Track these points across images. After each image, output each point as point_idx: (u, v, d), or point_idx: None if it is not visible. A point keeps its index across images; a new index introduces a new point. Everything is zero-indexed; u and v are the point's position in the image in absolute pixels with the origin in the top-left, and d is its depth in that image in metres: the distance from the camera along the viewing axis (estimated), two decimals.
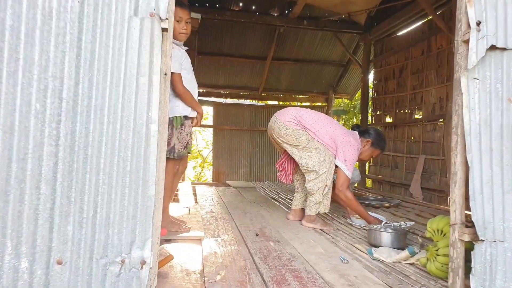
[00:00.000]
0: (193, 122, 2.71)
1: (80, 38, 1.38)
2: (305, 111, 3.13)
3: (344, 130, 3.13)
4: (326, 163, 3.01)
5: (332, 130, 3.06)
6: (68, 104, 1.38)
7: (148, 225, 1.46)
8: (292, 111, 3.09)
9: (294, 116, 3.05)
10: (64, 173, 1.38)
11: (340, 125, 3.19)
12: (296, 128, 3.00)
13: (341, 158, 3.00)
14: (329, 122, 3.11)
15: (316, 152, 3.00)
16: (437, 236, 2.01)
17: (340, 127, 3.14)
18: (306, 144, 3.00)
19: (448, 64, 4.83)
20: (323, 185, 3.00)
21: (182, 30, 2.63)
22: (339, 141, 3.03)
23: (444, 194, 4.70)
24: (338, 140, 3.04)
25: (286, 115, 3.07)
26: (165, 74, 1.55)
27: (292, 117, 3.04)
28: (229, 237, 2.68)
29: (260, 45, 7.50)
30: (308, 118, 3.06)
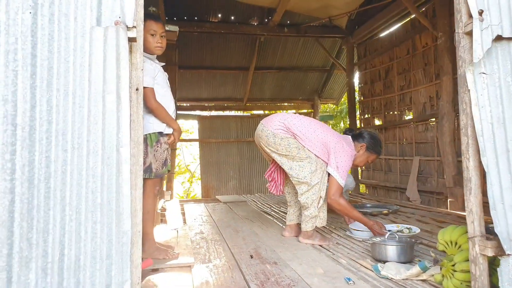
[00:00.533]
0: (169, 139, 2.51)
1: (34, 55, 1.19)
2: (293, 116, 2.94)
3: (336, 135, 2.94)
4: (318, 173, 2.82)
5: (323, 135, 2.87)
6: (24, 130, 1.18)
7: (126, 264, 1.26)
8: (279, 118, 2.89)
9: (283, 122, 2.85)
10: (23, 212, 1.17)
11: (331, 130, 3.01)
12: (285, 136, 2.81)
13: (333, 165, 2.81)
14: (319, 127, 2.92)
15: (307, 162, 2.82)
16: (451, 248, 1.84)
17: (331, 132, 2.95)
18: (296, 153, 2.81)
19: (435, 62, 4.73)
20: (317, 197, 2.82)
21: (157, 44, 2.49)
22: (331, 147, 2.84)
23: (443, 196, 4.57)
24: (330, 146, 2.84)
25: (274, 122, 2.87)
26: (136, 89, 1.36)
27: (280, 124, 2.84)
28: (222, 262, 2.47)
29: (242, 56, 7.37)
30: (297, 123, 2.86)
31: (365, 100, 6.64)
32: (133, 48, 1.36)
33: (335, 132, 2.99)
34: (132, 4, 1.28)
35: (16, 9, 1.15)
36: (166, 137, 2.51)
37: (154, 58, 2.52)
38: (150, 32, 2.45)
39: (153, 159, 2.45)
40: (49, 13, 1.19)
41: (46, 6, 1.19)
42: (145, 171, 2.42)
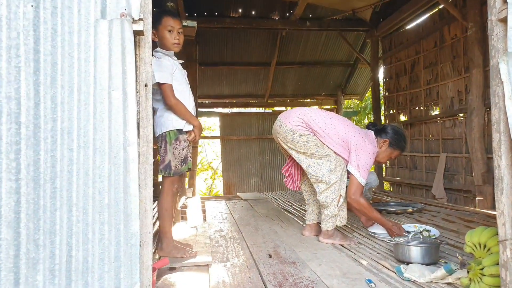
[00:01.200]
0: (190, 136, 2.47)
1: (37, 50, 1.15)
2: (313, 111, 2.83)
3: (357, 131, 2.81)
4: (337, 172, 2.73)
5: (344, 131, 2.75)
6: (28, 129, 1.15)
7: (135, 266, 1.22)
8: (298, 113, 2.79)
9: (302, 118, 2.75)
10: (29, 213, 1.14)
11: (353, 125, 2.88)
12: (304, 133, 2.72)
13: (354, 163, 2.70)
14: (340, 122, 2.81)
15: (326, 160, 2.72)
16: (479, 251, 1.72)
17: (353, 127, 2.83)
18: (315, 151, 2.72)
19: (464, 54, 4.52)
20: (337, 196, 2.73)
21: (175, 40, 2.45)
22: (352, 144, 2.73)
23: (471, 194, 4.37)
24: (351, 142, 2.74)
25: (293, 117, 2.77)
26: (145, 85, 1.31)
27: (299, 120, 2.75)
28: (240, 261, 2.42)
29: (263, 51, 7.29)
30: (317, 119, 2.75)
31: (390, 95, 6.45)
32: (140, 42, 1.31)
33: (357, 128, 2.87)
34: None
35: (18, 2, 1.12)
36: (186, 134, 2.47)
37: (172, 55, 2.48)
38: (167, 29, 2.42)
39: (172, 157, 2.41)
40: (52, 6, 1.16)
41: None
42: (164, 169, 2.41)
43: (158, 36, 2.44)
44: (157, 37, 2.44)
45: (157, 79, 2.32)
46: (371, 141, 2.82)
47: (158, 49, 2.46)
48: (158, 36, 2.44)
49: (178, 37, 2.46)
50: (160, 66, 2.37)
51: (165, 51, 2.45)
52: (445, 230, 3.07)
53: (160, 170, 2.43)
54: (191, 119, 2.45)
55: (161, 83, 2.34)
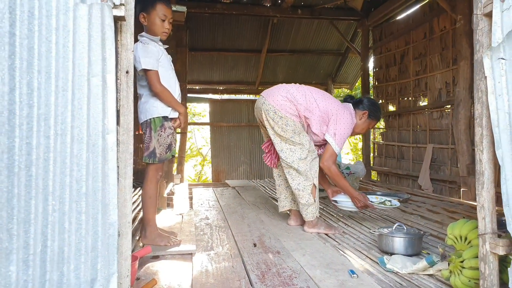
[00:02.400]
0: (175, 123, 2.44)
1: (13, 33, 1.11)
2: (295, 88, 2.85)
3: (337, 104, 2.90)
4: (307, 161, 2.78)
5: (324, 104, 2.83)
6: (2, 115, 1.11)
7: (112, 257, 1.20)
8: (282, 91, 2.80)
9: (285, 96, 2.77)
10: (2, 201, 1.12)
11: (333, 99, 2.94)
12: (285, 115, 2.74)
13: (331, 132, 2.82)
14: (320, 95, 2.87)
15: (298, 148, 2.78)
16: (460, 244, 1.74)
17: (332, 100, 2.90)
18: (290, 136, 2.77)
19: (453, 46, 4.52)
20: (310, 184, 2.78)
21: (165, 29, 2.42)
22: (332, 115, 2.84)
23: (456, 185, 4.43)
24: (331, 113, 2.84)
25: (276, 96, 2.78)
26: (126, 72, 1.28)
27: (283, 98, 2.77)
28: (224, 250, 2.42)
29: (254, 38, 7.22)
30: (299, 96, 2.80)
31: (380, 85, 6.45)
32: (122, 27, 1.27)
33: (336, 100, 2.95)
34: None
35: None
36: (171, 121, 2.44)
37: (157, 40, 2.43)
38: (160, 17, 2.37)
39: (156, 144, 2.39)
40: None
41: None
42: (149, 156, 2.39)
43: (148, 20, 2.38)
44: (147, 21, 2.39)
45: (143, 65, 2.28)
46: (351, 114, 2.93)
47: (143, 33, 2.40)
48: (148, 21, 2.38)
49: (168, 27, 2.43)
50: (146, 51, 2.32)
51: (151, 36, 2.39)
52: (429, 221, 3.11)
53: (145, 157, 2.41)
54: (177, 106, 2.42)
55: (147, 70, 2.30)
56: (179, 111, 2.44)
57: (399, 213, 3.43)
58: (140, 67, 2.28)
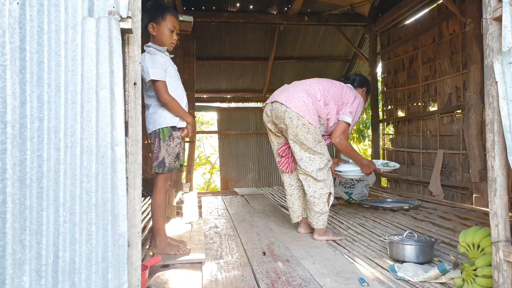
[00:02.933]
0: (183, 133, 2.46)
1: (23, 48, 1.13)
2: (309, 86, 2.84)
3: (344, 85, 2.98)
4: (325, 171, 2.79)
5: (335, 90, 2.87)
6: (14, 128, 1.13)
7: (123, 267, 1.21)
8: (300, 94, 2.75)
9: (305, 101, 2.71)
10: (15, 213, 1.13)
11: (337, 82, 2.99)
12: (307, 123, 2.68)
13: (346, 112, 2.87)
14: (328, 83, 2.92)
15: (318, 157, 2.77)
16: (473, 251, 1.72)
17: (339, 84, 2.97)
18: (312, 146, 2.74)
19: (463, 51, 4.49)
20: (326, 193, 2.77)
21: (173, 41, 2.47)
22: (345, 99, 2.89)
23: (468, 191, 4.37)
24: (344, 96, 2.89)
25: (297, 101, 2.72)
26: (134, 84, 1.29)
27: (304, 104, 2.71)
28: (233, 258, 2.42)
29: (261, 46, 7.24)
30: (316, 92, 2.80)
31: (388, 90, 6.42)
32: (130, 40, 1.29)
33: (340, 83, 3.02)
34: None
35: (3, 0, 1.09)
36: (179, 131, 2.46)
37: (164, 50, 2.46)
38: (170, 28, 2.42)
39: (165, 154, 2.41)
40: (38, 3, 1.13)
41: None
42: (158, 166, 2.41)
43: (157, 30, 2.41)
44: (156, 31, 2.42)
45: (151, 75, 2.30)
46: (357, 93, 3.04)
47: (150, 44, 2.43)
48: (157, 31, 2.41)
49: (176, 38, 2.47)
50: (154, 62, 2.34)
51: (158, 47, 2.42)
52: (441, 228, 3.06)
53: (154, 167, 2.43)
54: (184, 116, 2.44)
55: (155, 80, 2.32)
56: (186, 121, 2.45)
57: (410, 220, 3.39)
58: (149, 78, 2.31)
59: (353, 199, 4.25)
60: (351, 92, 2.95)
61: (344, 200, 4.30)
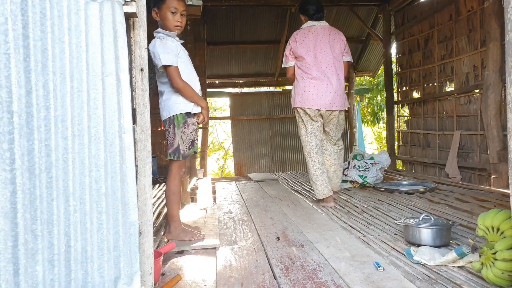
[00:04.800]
0: (199, 118, 2.44)
1: (26, 35, 1.11)
2: (339, 61, 3.39)
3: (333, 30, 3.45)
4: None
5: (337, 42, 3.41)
6: (21, 118, 1.11)
7: (135, 255, 1.20)
8: (339, 100, 3.36)
9: (340, 91, 3.38)
10: (25, 203, 1.12)
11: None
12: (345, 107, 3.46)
13: (347, 52, 3.52)
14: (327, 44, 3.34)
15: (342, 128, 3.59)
16: (492, 235, 1.67)
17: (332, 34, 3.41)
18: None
19: (481, 28, 4.33)
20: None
21: (177, 23, 2.39)
22: (344, 41, 3.51)
23: (486, 173, 4.27)
24: (343, 42, 3.50)
25: (343, 98, 3.40)
26: (141, 70, 1.27)
27: (341, 93, 3.39)
28: (247, 244, 2.41)
29: (272, 29, 7.14)
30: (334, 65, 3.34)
31: (403, 71, 6.28)
32: (135, 24, 1.26)
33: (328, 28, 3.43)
34: None
35: None
36: (194, 117, 2.44)
37: (174, 35, 2.42)
38: (170, 10, 2.35)
39: (180, 141, 2.40)
40: None
41: None
42: (173, 153, 2.41)
43: (160, 15, 2.38)
44: (159, 16, 2.38)
45: (163, 61, 2.27)
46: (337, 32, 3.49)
47: (159, 29, 2.39)
48: (160, 16, 2.38)
49: (181, 19, 2.40)
50: (165, 47, 2.31)
51: (168, 32, 2.38)
52: (458, 211, 3.01)
53: (169, 154, 2.42)
54: (199, 101, 2.42)
55: (168, 66, 2.29)
56: (201, 106, 2.44)
57: (426, 203, 3.34)
58: (161, 63, 2.28)
59: (367, 183, 4.20)
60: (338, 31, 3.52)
61: (358, 184, 4.26)
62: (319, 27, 3.34)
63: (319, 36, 3.30)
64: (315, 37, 3.30)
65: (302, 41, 3.28)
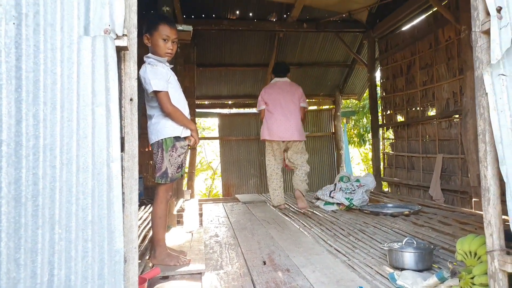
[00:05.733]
0: (190, 142, 2.49)
1: (19, 67, 1.15)
2: (295, 103, 4.45)
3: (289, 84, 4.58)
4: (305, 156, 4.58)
5: (295, 89, 4.54)
6: (9, 147, 1.14)
7: (119, 284, 1.21)
8: (297, 132, 4.40)
9: (297, 128, 4.43)
10: (9, 232, 1.14)
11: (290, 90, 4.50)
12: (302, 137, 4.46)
13: (304, 100, 4.58)
14: (289, 94, 4.46)
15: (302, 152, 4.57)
16: (470, 259, 1.72)
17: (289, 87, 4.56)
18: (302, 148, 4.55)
19: (459, 56, 4.51)
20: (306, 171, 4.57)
21: (168, 50, 2.45)
22: (301, 93, 4.57)
23: (467, 195, 4.36)
24: (300, 93, 4.55)
25: (300, 134, 4.43)
26: (130, 100, 1.31)
27: (298, 129, 4.42)
28: (233, 268, 2.42)
29: (261, 52, 7.28)
30: (286, 107, 4.43)
31: (387, 95, 6.44)
32: (126, 56, 1.30)
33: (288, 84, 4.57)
34: (122, 10, 1.22)
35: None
36: (183, 141, 2.48)
37: (164, 61, 2.47)
38: (162, 37, 2.41)
39: (168, 164, 2.42)
40: (34, 23, 1.15)
41: (30, 16, 1.14)
42: (161, 177, 2.42)
43: (151, 42, 2.43)
44: (150, 42, 2.43)
45: (154, 87, 2.31)
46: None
47: (150, 55, 2.45)
48: (152, 42, 2.43)
49: (172, 47, 2.46)
50: (156, 73, 2.36)
51: (158, 57, 2.43)
52: (440, 234, 3.06)
53: (157, 177, 2.44)
54: (189, 124, 2.47)
55: (158, 91, 2.33)
56: (191, 129, 2.49)
57: (410, 226, 3.39)
58: (151, 89, 2.32)
59: (354, 205, 4.25)
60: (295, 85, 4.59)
61: (345, 206, 4.30)
62: (282, 82, 4.52)
63: (282, 88, 4.45)
64: (280, 89, 4.45)
65: (270, 92, 4.48)
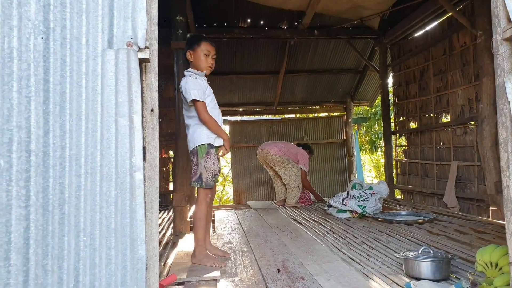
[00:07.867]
0: (221, 151, 2.67)
1: (47, 80, 1.18)
2: (280, 146, 5.35)
3: (299, 149, 5.47)
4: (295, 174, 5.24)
5: (295, 151, 5.40)
6: (38, 157, 1.17)
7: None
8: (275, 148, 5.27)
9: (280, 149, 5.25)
10: (38, 239, 1.17)
11: (294, 146, 5.55)
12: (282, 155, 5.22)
13: (302, 164, 5.36)
14: (291, 147, 5.43)
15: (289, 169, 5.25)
16: (491, 270, 1.70)
17: (295, 147, 5.51)
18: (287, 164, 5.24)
19: (474, 62, 4.48)
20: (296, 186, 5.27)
21: (209, 64, 2.70)
22: (299, 155, 5.39)
23: (484, 204, 4.31)
24: (299, 154, 5.39)
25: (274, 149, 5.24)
26: (152, 110, 1.34)
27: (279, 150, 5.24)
28: (248, 276, 2.42)
29: (272, 60, 7.31)
30: (285, 148, 5.30)
31: (400, 102, 6.41)
32: (147, 68, 1.33)
33: (296, 146, 5.52)
34: (144, 24, 1.25)
35: (28, 34, 1.15)
36: (217, 149, 2.66)
37: (202, 75, 2.68)
38: (204, 52, 2.65)
39: (203, 170, 2.58)
40: (61, 37, 1.19)
41: (58, 31, 1.18)
42: (196, 181, 2.61)
43: (194, 56, 2.66)
44: (193, 57, 2.66)
45: (193, 96, 2.53)
46: (304, 152, 5.50)
47: (190, 69, 2.68)
48: (194, 57, 2.66)
49: (212, 62, 2.70)
50: (195, 84, 2.58)
51: (197, 72, 2.65)
52: (457, 243, 3.02)
53: (193, 182, 2.63)
54: (222, 134, 2.66)
55: (197, 100, 2.54)
56: (223, 138, 2.66)
57: (425, 234, 3.36)
58: (190, 98, 2.53)
59: (367, 213, 4.23)
60: (304, 153, 5.46)
61: (357, 214, 4.28)
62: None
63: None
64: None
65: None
